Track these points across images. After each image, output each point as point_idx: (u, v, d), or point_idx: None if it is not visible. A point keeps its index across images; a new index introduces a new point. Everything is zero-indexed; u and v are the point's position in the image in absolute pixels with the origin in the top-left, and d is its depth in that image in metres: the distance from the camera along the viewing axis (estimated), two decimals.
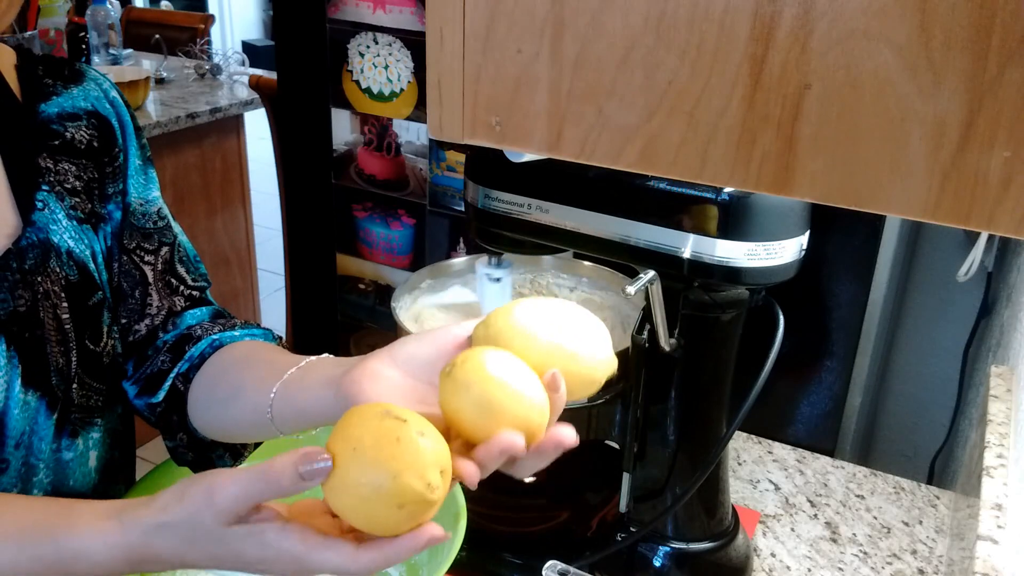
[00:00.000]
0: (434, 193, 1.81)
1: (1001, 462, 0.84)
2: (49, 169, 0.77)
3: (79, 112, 0.80)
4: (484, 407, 0.54)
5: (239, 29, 6.64)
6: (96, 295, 0.79)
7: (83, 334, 0.77)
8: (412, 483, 0.50)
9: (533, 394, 0.55)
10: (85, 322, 0.77)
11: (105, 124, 0.82)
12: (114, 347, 0.81)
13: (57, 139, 0.78)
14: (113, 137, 0.83)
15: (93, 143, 0.81)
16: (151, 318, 0.85)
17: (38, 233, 0.75)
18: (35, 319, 0.74)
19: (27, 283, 0.73)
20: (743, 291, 0.78)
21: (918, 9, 0.43)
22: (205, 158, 2.61)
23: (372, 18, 1.73)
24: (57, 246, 0.76)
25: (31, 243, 0.74)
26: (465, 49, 0.55)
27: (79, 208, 0.79)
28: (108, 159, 0.82)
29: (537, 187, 0.79)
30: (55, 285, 0.75)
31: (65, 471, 0.78)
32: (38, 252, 0.74)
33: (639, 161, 0.53)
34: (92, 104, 0.82)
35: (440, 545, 0.73)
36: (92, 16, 2.68)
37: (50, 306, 0.74)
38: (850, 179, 0.47)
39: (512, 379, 0.54)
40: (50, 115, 0.79)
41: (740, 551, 0.89)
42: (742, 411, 0.77)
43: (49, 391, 0.75)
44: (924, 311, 1.65)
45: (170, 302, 0.87)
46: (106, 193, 0.82)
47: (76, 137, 0.79)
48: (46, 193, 0.77)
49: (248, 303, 2.92)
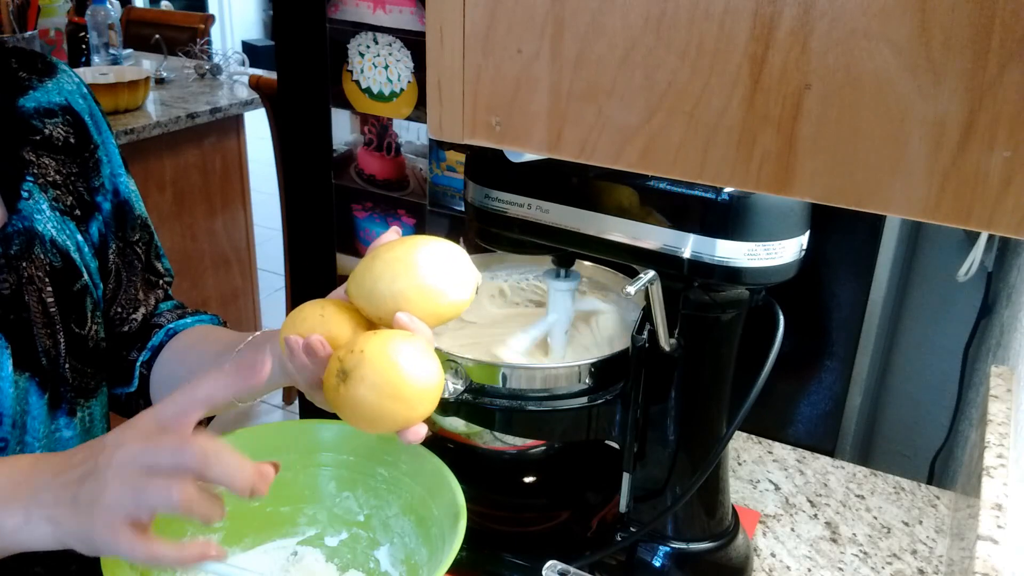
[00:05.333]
0: (434, 193, 1.81)
1: (1001, 462, 0.84)
2: (32, 162, 0.79)
3: (54, 108, 0.83)
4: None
5: (239, 29, 6.64)
6: (79, 282, 0.81)
7: (68, 318, 0.80)
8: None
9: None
10: (70, 306, 0.80)
11: (79, 120, 0.84)
12: (97, 332, 0.84)
13: (37, 134, 0.81)
14: (88, 133, 0.85)
15: (70, 139, 0.83)
16: (145, 307, 0.90)
17: (23, 221, 0.78)
18: (20, 302, 0.77)
19: (12, 267, 0.76)
20: (743, 291, 0.78)
21: (918, 9, 0.43)
22: (205, 158, 2.61)
23: (372, 18, 1.73)
24: (41, 234, 0.79)
25: (17, 230, 0.77)
26: (465, 49, 0.55)
27: (60, 200, 0.81)
28: (87, 154, 0.84)
29: (537, 187, 0.79)
30: (39, 271, 0.78)
31: (68, 449, 0.80)
32: (23, 239, 0.77)
33: (639, 161, 0.53)
34: (66, 99, 0.84)
35: (440, 545, 0.73)
36: (92, 16, 2.68)
37: (34, 290, 0.77)
38: (850, 179, 0.47)
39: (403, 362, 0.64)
40: (28, 110, 0.81)
41: (740, 551, 0.89)
42: (742, 411, 0.77)
43: (39, 371, 0.77)
44: (924, 311, 1.65)
45: (154, 295, 0.92)
46: (92, 186, 0.85)
47: (54, 134, 0.82)
48: (31, 184, 0.79)
49: (248, 303, 2.92)
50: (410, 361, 0.64)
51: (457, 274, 0.69)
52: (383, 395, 0.63)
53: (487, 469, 0.96)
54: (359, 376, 0.63)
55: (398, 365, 0.64)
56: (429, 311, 0.68)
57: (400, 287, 0.67)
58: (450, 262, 0.69)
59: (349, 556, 0.83)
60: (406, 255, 0.68)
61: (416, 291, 0.67)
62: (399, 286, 0.67)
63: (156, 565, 0.59)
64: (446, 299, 0.69)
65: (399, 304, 0.67)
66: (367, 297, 0.68)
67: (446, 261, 0.69)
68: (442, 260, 0.69)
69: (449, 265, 0.69)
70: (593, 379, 0.83)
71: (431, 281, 0.68)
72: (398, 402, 0.64)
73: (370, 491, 0.83)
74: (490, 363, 0.83)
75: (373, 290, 0.68)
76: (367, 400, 0.63)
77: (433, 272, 0.68)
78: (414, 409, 0.65)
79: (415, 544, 0.80)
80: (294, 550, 0.83)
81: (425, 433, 0.66)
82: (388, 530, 0.83)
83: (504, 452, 0.92)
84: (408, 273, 0.67)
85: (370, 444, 0.82)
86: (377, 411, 0.64)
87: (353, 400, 0.64)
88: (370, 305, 0.68)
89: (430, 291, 0.68)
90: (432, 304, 0.68)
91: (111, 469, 0.57)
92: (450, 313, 0.70)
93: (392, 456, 0.82)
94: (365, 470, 0.83)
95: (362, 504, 0.84)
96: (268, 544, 0.83)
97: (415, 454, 0.81)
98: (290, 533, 0.84)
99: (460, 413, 0.82)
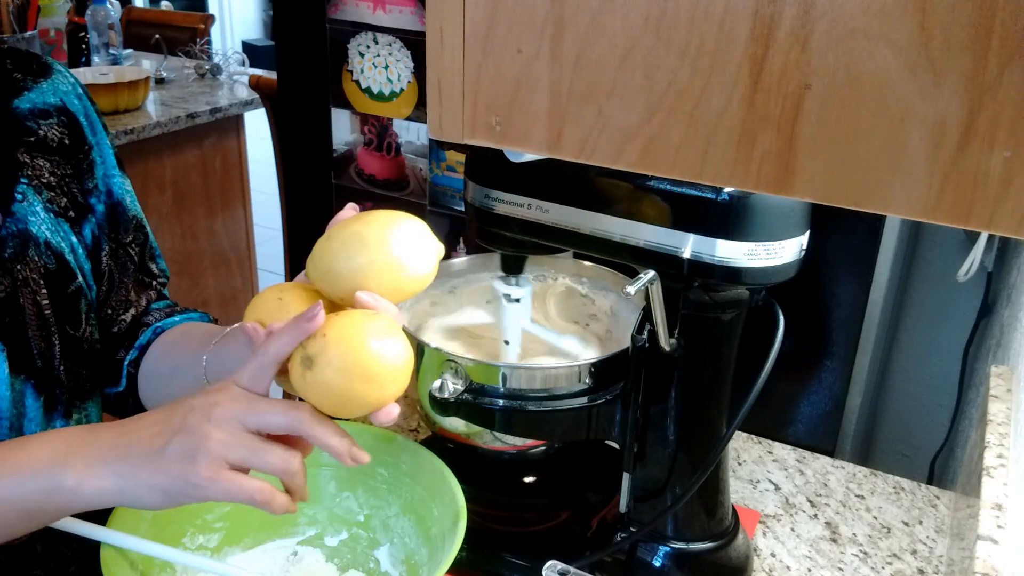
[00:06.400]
0: (434, 193, 1.81)
1: (1001, 462, 0.84)
2: (26, 163, 0.79)
3: (49, 109, 0.82)
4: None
5: (239, 29, 6.64)
6: (74, 284, 0.81)
7: (63, 320, 0.80)
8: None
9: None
10: (64, 309, 0.80)
11: (74, 121, 0.84)
12: (92, 333, 0.84)
13: (31, 136, 0.81)
14: (82, 134, 0.85)
15: (64, 140, 0.83)
16: (136, 307, 0.89)
17: (17, 223, 0.77)
18: (15, 305, 0.76)
19: (6, 270, 0.76)
20: (743, 291, 0.78)
21: (918, 9, 0.43)
22: (205, 158, 2.61)
23: (372, 18, 1.73)
24: (36, 236, 0.78)
25: (11, 233, 0.77)
26: (465, 49, 0.55)
27: (54, 202, 0.81)
28: (81, 156, 0.84)
29: (537, 187, 0.79)
30: (34, 273, 0.77)
31: None
32: (17, 242, 0.77)
33: (639, 161, 0.53)
34: (61, 99, 0.84)
35: (440, 545, 0.73)
36: (92, 16, 2.68)
37: (29, 292, 0.77)
38: (850, 179, 0.47)
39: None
40: (23, 111, 0.81)
41: (740, 551, 0.89)
42: (742, 411, 0.77)
43: (35, 374, 0.77)
44: (924, 311, 1.65)
45: (147, 295, 0.92)
46: (86, 188, 0.85)
47: (49, 135, 0.82)
48: (25, 186, 0.79)
49: (248, 303, 2.91)
50: (376, 341, 0.62)
51: (416, 246, 0.67)
52: (352, 377, 0.62)
53: (487, 469, 0.96)
54: (324, 361, 0.61)
55: (364, 346, 0.62)
56: (390, 286, 0.66)
57: (358, 264, 0.65)
58: (408, 234, 0.67)
59: (349, 556, 0.83)
60: (362, 230, 0.66)
61: (375, 267, 0.66)
62: (357, 263, 0.65)
63: (249, 502, 0.62)
64: (406, 272, 0.67)
65: (358, 282, 0.65)
66: (325, 277, 0.67)
67: (404, 234, 0.67)
68: (400, 233, 0.67)
69: (408, 238, 0.67)
70: (593, 379, 0.83)
71: (389, 255, 0.66)
72: (368, 383, 0.62)
73: (370, 491, 0.83)
74: (490, 363, 0.83)
75: (330, 269, 0.66)
76: (335, 384, 0.62)
77: (391, 246, 0.66)
78: (384, 389, 0.63)
79: (415, 544, 0.80)
80: (294, 550, 0.83)
81: (397, 414, 0.65)
82: (388, 530, 0.83)
83: (504, 452, 0.92)
84: (365, 249, 0.65)
85: (370, 444, 0.82)
86: (347, 395, 0.62)
87: (320, 385, 0.62)
88: (329, 285, 0.67)
89: (389, 266, 0.66)
90: (393, 278, 0.66)
91: (211, 422, 0.60)
92: (412, 287, 0.68)
93: (392, 456, 0.82)
94: (365, 470, 0.83)
95: (362, 504, 0.84)
96: (268, 544, 0.83)
97: (415, 454, 0.81)
98: (290, 533, 0.84)
99: (460, 413, 0.82)
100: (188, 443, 0.60)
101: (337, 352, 0.62)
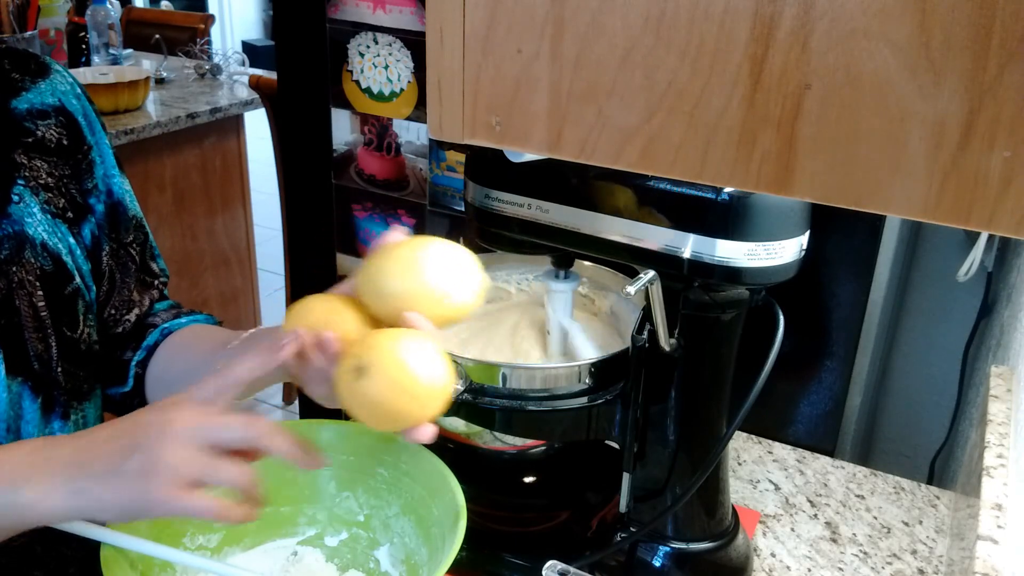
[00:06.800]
0: (434, 193, 1.81)
1: (1001, 462, 0.84)
2: (24, 164, 0.79)
3: (47, 109, 0.82)
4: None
5: (239, 29, 6.63)
6: (71, 285, 0.81)
7: (60, 321, 0.80)
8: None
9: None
10: (61, 310, 0.80)
11: (72, 121, 0.84)
12: (90, 334, 0.84)
13: (29, 136, 0.80)
14: (81, 134, 0.84)
15: (63, 141, 0.83)
16: (139, 307, 0.89)
17: (13, 225, 0.77)
18: (11, 307, 0.76)
19: (2, 272, 0.76)
20: (743, 291, 0.78)
21: (918, 9, 0.43)
22: (205, 158, 2.61)
23: (372, 18, 1.73)
24: (32, 238, 0.78)
25: (7, 234, 0.77)
26: (465, 49, 0.55)
27: (52, 203, 0.81)
28: (80, 156, 0.84)
29: (537, 187, 0.79)
30: (30, 275, 0.77)
31: None
32: (13, 244, 0.77)
33: (639, 161, 0.53)
34: (59, 99, 0.83)
35: (440, 545, 0.73)
36: (92, 16, 2.68)
37: (25, 294, 0.77)
38: (850, 179, 0.47)
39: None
40: (21, 112, 0.80)
41: (740, 551, 0.89)
42: (742, 411, 0.77)
43: (32, 376, 0.77)
44: (924, 311, 1.65)
45: (149, 295, 0.91)
46: (85, 188, 0.84)
47: (47, 136, 0.82)
48: (22, 187, 0.79)
49: (248, 303, 2.91)
50: (425, 360, 0.65)
51: (466, 277, 0.70)
52: (401, 392, 0.64)
53: (487, 469, 0.96)
54: (376, 372, 0.64)
55: (414, 363, 0.65)
56: (436, 312, 0.69)
57: (408, 286, 0.68)
58: (458, 265, 0.70)
59: (349, 556, 0.83)
60: (417, 255, 0.69)
61: (423, 291, 0.68)
62: (408, 285, 0.68)
63: (207, 518, 0.63)
64: (452, 301, 0.69)
65: (406, 303, 0.68)
66: (376, 293, 0.69)
67: (454, 264, 0.70)
68: (450, 262, 0.70)
69: (456, 268, 0.70)
70: (593, 379, 0.83)
71: (438, 282, 0.69)
72: (413, 400, 0.65)
73: (370, 491, 0.83)
74: (490, 363, 0.83)
75: (384, 287, 0.68)
76: (382, 396, 0.64)
77: (441, 274, 0.69)
78: (425, 408, 0.66)
79: (415, 544, 0.80)
80: (294, 550, 0.83)
81: (432, 435, 0.67)
82: (388, 530, 0.83)
83: (504, 452, 0.92)
84: (417, 273, 0.68)
85: (370, 444, 0.82)
86: (392, 408, 0.65)
87: (367, 396, 0.64)
88: (378, 301, 0.69)
89: (436, 292, 0.69)
90: (439, 305, 0.69)
91: (166, 440, 0.61)
92: (456, 315, 0.71)
93: (392, 456, 0.82)
94: (365, 470, 0.83)
95: (362, 504, 0.84)
96: (268, 544, 0.83)
97: (415, 454, 0.81)
98: (290, 533, 0.84)
99: (460, 413, 0.82)
100: (144, 462, 0.60)
101: (389, 366, 0.64)
